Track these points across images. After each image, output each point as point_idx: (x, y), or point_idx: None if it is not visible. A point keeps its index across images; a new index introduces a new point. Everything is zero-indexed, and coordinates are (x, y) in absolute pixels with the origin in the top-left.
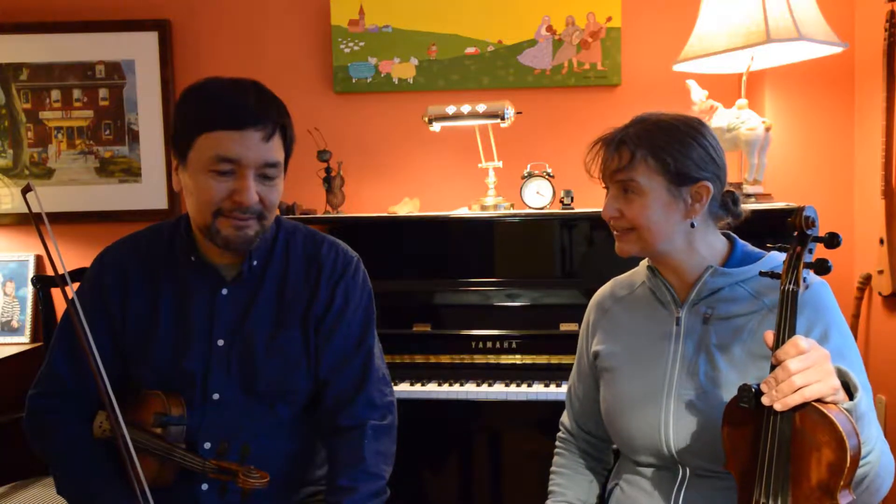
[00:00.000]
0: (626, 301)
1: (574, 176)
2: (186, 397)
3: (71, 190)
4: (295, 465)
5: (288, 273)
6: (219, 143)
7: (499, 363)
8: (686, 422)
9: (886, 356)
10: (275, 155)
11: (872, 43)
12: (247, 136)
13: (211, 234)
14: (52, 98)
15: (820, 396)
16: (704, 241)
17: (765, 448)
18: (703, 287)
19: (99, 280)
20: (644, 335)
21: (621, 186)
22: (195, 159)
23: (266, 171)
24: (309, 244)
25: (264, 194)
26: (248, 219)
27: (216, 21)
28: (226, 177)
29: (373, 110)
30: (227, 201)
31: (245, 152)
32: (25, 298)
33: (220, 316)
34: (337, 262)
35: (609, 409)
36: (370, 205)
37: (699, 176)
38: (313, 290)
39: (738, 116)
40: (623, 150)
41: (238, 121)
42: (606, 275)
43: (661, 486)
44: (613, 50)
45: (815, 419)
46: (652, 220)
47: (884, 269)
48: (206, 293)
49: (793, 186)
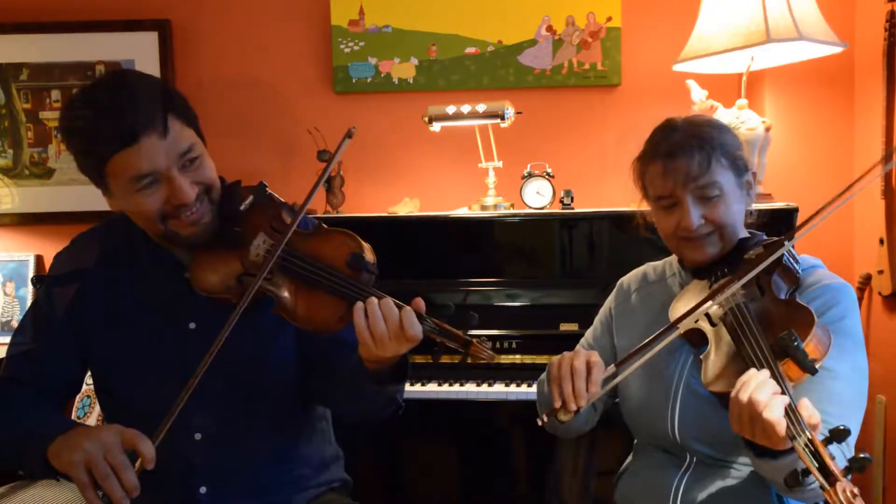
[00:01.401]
0: (654, 287)
1: (574, 176)
2: (166, 387)
3: (71, 190)
4: (298, 447)
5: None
6: (125, 166)
7: (499, 363)
8: (694, 411)
9: (886, 356)
10: (183, 143)
11: (872, 43)
12: (144, 145)
13: (170, 238)
14: (52, 98)
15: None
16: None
17: (741, 343)
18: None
19: (53, 278)
20: (662, 322)
21: (700, 193)
22: (115, 187)
23: (184, 160)
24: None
25: (197, 178)
26: (196, 209)
27: (216, 21)
28: (153, 187)
29: (373, 110)
30: (167, 206)
31: (154, 161)
32: (25, 298)
33: (190, 299)
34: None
35: (622, 393)
36: (370, 205)
37: (747, 164)
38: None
39: (738, 116)
40: (697, 154)
41: (128, 136)
42: (607, 275)
43: (667, 469)
44: (613, 50)
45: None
46: (734, 217)
47: (884, 269)
48: (169, 280)
49: (793, 186)
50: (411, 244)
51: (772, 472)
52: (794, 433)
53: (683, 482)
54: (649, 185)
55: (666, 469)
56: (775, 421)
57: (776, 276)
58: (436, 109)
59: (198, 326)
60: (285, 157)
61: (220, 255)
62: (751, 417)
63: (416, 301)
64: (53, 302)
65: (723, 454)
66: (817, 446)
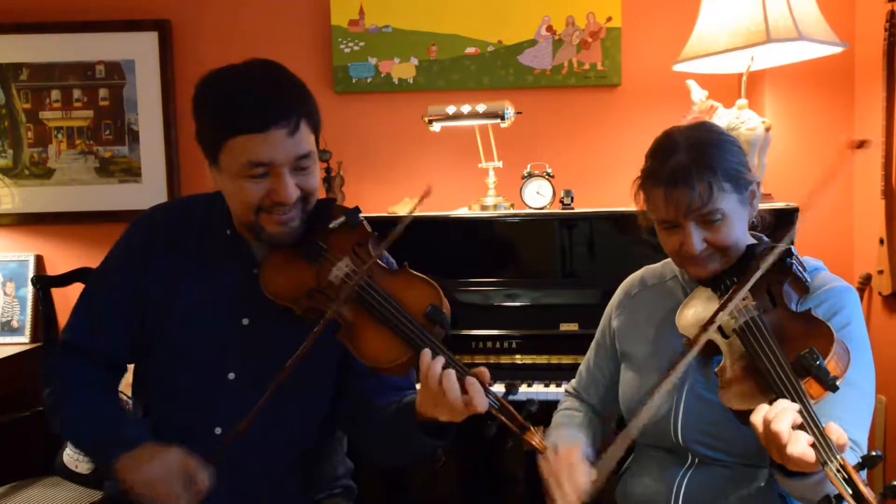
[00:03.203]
0: (653, 290)
1: (574, 176)
2: (200, 375)
3: (71, 190)
4: (314, 462)
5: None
6: (246, 149)
7: (499, 363)
8: (698, 414)
9: (886, 356)
10: (304, 146)
11: (872, 43)
12: (272, 136)
13: (255, 231)
14: (52, 98)
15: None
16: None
17: (759, 359)
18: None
19: (125, 244)
20: (667, 327)
21: (702, 219)
22: (227, 165)
23: (300, 163)
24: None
25: (303, 184)
26: (290, 212)
27: (216, 21)
28: (261, 178)
29: (373, 110)
30: (266, 199)
31: (275, 153)
32: (25, 298)
33: (251, 294)
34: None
35: (625, 394)
36: (370, 205)
37: (750, 178)
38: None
39: (738, 116)
40: (698, 184)
41: (260, 122)
42: (607, 275)
43: (668, 469)
44: (613, 50)
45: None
46: (738, 235)
47: (884, 269)
48: (237, 271)
49: (793, 186)
50: (411, 244)
51: (802, 491)
52: (825, 459)
53: (685, 482)
54: (651, 207)
55: (667, 469)
56: (801, 454)
57: (787, 286)
58: (436, 109)
59: (250, 323)
60: None
61: (297, 263)
62: (778, 449)
63: (481, 372)
64: (120, 269)
65: (726, 455)
66: (850, 473)
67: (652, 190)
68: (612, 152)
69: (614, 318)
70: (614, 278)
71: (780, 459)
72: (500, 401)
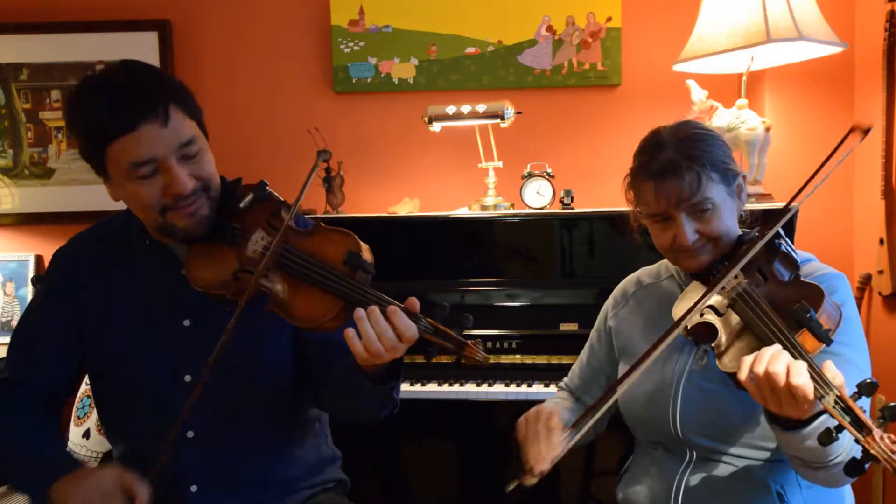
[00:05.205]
0: (650, 288)
1: (574, 176)
2: (156, 383)
3: (71, 190)
4: (295, 448)
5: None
6: (124, 153)
7: (499, 363)
8: (695, 405)
9: (886, 356)
10: (184, 134)
11: (872, 43)
12: (144, 132)
13: (168, 231)
14: (52, 98)
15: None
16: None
17: (754, 322)
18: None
19: (50, 277)
20: (664, 323)
21: (693, 209)
22: (115, 174)
23: (185, 151)
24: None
25: (196, 172)
26: (195, 201)
27: (216, 21)
28: (152, 178)
29: (373, 110)
30: (165, 197)
31: (153, 149)
32: (25, 298)
33: (184, 296)
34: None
35: (624, 393)
36: (370, 205)
37: (736, 170)
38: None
39: (738, 116)
40: (687, 174)
41: (128, 123)
42: (607, 275)
43: (667, 466)
44: (613, 50)
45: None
46: (728, 226)
47: (884, 269)
48: (164, 276)
49: (793, 186)
50: (411, 244)
51: (799, 444)
52: (822, 392)
53: (685, 479)
54: (642, 203)
55: (667, 466)
56: (804, 384)
57: (777, 264)
58: (436, 109)
59: (192, 324)
60: (285, 157)
61: (217, 250)
62: (772, 388)
63: (410, 300)
64: (51, 301)
65: (724, 446)
66: (847, 401)
67: (642, 185)
68: (612, 152)
69: (610, 317)
70: (614, 278)
71: (777, 405)
72: (433, 324)
